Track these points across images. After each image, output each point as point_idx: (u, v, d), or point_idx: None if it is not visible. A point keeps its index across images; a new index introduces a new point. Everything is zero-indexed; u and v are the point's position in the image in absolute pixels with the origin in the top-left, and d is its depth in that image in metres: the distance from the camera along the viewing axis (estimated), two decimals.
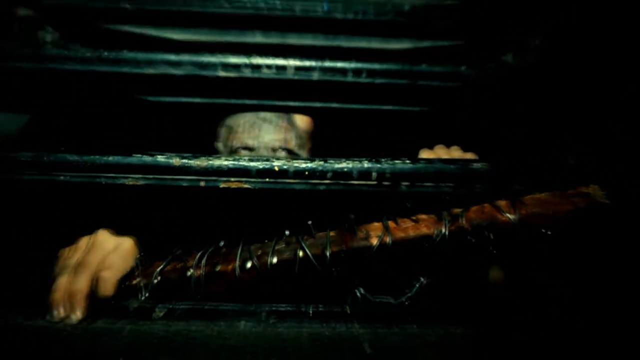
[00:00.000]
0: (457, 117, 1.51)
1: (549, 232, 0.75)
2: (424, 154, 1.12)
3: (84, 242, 0.84)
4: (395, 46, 1.52)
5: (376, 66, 1.10)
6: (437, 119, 1.43)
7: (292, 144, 1.37)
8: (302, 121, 1.44)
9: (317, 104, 1.23)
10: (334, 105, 1.24)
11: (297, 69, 1.10)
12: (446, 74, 1.10)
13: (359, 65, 1.09)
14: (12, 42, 1.32)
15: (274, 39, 1.51)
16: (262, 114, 1.37)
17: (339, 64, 1.09)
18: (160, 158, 0.81)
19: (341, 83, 1.12)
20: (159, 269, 0.82)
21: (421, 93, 1.22)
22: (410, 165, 0.83)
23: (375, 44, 1.52)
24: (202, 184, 0.82)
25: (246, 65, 1.09)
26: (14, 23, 1.36)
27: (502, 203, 0.77)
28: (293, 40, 1.51)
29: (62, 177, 0.81)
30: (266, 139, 1.32)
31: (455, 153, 1.11)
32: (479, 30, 1.50)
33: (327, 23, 1.43)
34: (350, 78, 1.10)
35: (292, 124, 1.41)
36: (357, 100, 1.24)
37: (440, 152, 1.12)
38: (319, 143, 1.52)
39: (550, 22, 1.39)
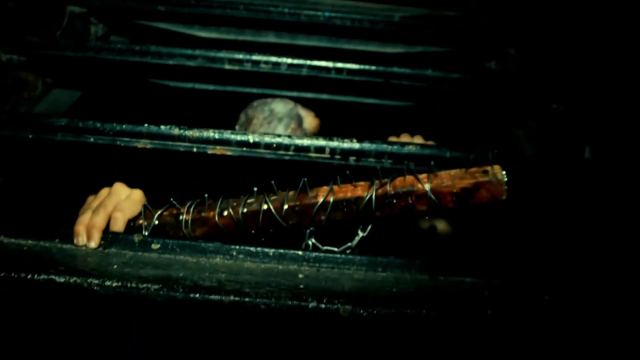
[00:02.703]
0: (437, 111, 1.71)
1: (455, 199, 0.97)
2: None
3: (104, 191, 1.10)
4: (390, 50, 1.74)
5: (355, 66, 1.32)
6: (421, 113, 1.64)
7: None
8: (310, 124, 1.66)
9: (309, 95, 1.46)
10: (324, 97, 1.46)
11: (290, 65, 1.32)
12: (414, 75, 1.31)
13: (340, 65, 1.31)
14: (64, 35, 1.60)
15: (285, 40, 1.75)
16: (278, 112, 1.59)
17: (324, 63, 1.31)
18: (163, 127, 1.06)
19: (327, 79, 1.34)
20: (158, 213, 1.07)
21: (409, 91, 1.43)
22: (357, 144, 1.06)
23: (372, 48, 1.74)
24: (195, 149, 1.06)
25: (247, 61, 1.32)
26: (65, 19, 1.63)
27: (422, 175, 0.99)
28: (301, 41, 1.75)
29: (91, 140, 1.07)
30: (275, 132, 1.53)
31: (417, 141, 1.33)
32: (463, 39, 1.71)
33: (329, 28, 1.67)
34: (333, 75, 1.32)
35: (300, 125, 1.63)
36: (344, 94, 1.46)
37: (404, 140, 1.33)
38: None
39: (524, 36, 1.59)
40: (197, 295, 0.79)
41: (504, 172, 0.97)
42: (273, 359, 0.95)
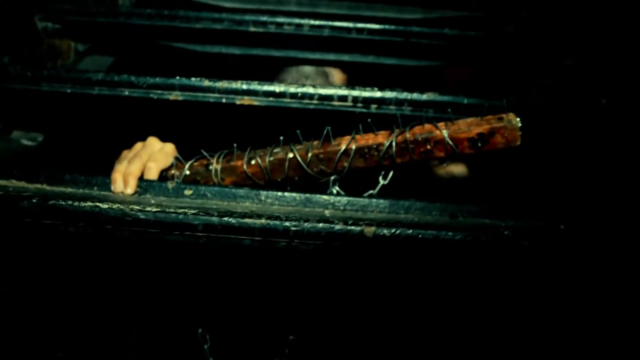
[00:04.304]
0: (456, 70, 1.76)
1: (471, 144, 1.01)
2: None
3: (138, 145, 1.16)
4: (408, 16, 1.78)
5: (375, 26, 1.36)
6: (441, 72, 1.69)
7: None
8: (338, 79, 1.69)
9: (331, 57, 1.50)
10: (346, 58, 1.51)
11: (312, 26, 1.38)
12: (432, 34, 1.35)
13: (360, 25, 1.36)
14: (96, 4, 1.66)
15: (306, 8, 1.80)
16: (306, 71, 1.63)
17: (344, 24, 1.36)
18: (194, 79, 1.12)
19: (348, 39, 1.39)
20: (189, 163, 1.13)
21: (428, 50, 1.47)
22: (378, 92, 1.11)
23: (391, 14, 1.78)
24: (224, 100, 1.12)
25: (271, 23, 1.38)
26: None
27: (440, 123, 1.04)
28: (322, 9, 1.79)
29: (126, 93, 1.13)
30: None
31: None
32: (481, 3, 1.74)
33: None
34: (354, 35, 1.37)
35: (327, 80, 1.66)
36: (365, 54, 1.50)
37: None
38: None
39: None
40: (232, 219, 0.85)
41: (518, 119, 1.02)
42: (301, 281, 1.01)
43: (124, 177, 1.06)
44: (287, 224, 0.85)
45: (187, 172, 1.13)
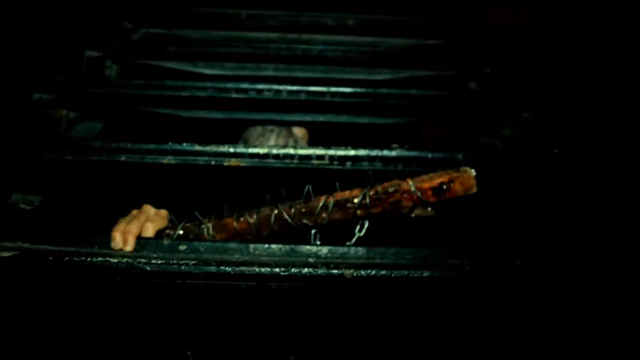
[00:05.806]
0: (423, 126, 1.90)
1: (434, 193, 1.14)
2: None
3: (135, 212, 1.26)
4: (378, 77, 1.93)
5: (347, 90, 1.50)
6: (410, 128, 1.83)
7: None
8: (299, 131, 1.87)
9: (308, 118, 1.63)
10: (321, 119, 1.64)
11: (289, 92, 1.51)
12: (398, 95, 1.49)
13: (333, 89, 1.50)
14: (86, 75, 1.78)
15: (283, 73, 1.94)
16: (269, 127, 1.80)
17: (319, 89, 1.50)
18: (185, 145, 1.23)
19: (323, 102, 1.53)
20: (182, 224, 1.23)
21: (397, 109, 1.61)
22: (352, 150, 1.23)
23: (362, 76, 1.93)
24: (213, 162, 1.23)
25: (252, 89, 1.51)
26: (84, 62, 1.82)
27: (408, 178, 1.17)
28: (298, 73, 1.94)
29: (122, 158, 1.24)
30: (271, 144, 1.74)
31: None
32: (444, 64, 1.90)
33: (321, 59, 1.86)
34: (328, 98, 1.51)
35: (291, 133, 1.84)
36: (339, 115, 1.64)
37: None
38: None
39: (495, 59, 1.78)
40: (228, 267, 0.95)
41: (472, 170, 1.16)
42: (290, 319, 1.11)
43: (123, 235, 1.15)
44: (276, 270, 0.96)
45: (181, 232, 1.23)
